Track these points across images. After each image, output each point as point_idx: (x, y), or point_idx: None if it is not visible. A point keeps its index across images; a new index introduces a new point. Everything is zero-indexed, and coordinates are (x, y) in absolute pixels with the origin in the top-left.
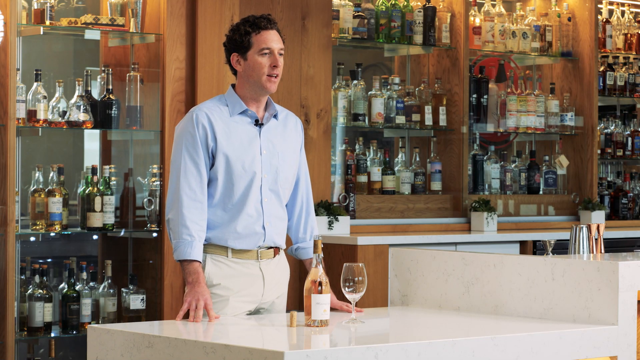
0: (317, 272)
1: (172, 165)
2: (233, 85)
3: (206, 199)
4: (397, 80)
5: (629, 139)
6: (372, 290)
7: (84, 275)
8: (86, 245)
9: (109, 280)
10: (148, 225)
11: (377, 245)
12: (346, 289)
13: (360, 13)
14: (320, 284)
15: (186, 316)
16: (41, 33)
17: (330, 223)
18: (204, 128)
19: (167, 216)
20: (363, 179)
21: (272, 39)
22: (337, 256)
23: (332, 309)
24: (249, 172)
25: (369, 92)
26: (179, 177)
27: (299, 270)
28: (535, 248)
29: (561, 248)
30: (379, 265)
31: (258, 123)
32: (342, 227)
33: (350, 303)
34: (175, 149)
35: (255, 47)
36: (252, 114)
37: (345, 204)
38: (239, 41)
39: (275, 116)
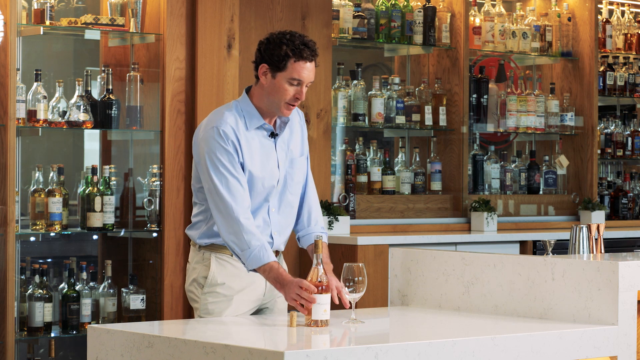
0: (318, 272)
1: (212, 184)
2: (247, 90)
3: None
4: (397, 80)
5: (629, 139)
6: (372, 290)
7: (84, 275)
8: (86, 245)
9: (109, 280)
10: (148, 225)
11: (377, 245)
12: (346, 289)
13: (360, 13)
14: (320, 283)
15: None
16: (41, 33)
17: (330, 223)
18: (233, 144)
19: (225, 238)
20: (363, 179)
21: (307, 71)
22: (337, 256)
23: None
24: (267, 188)
25: (369, 92)
26: (226, 199)
27: (298, 270)
28: (535, 248)
29: (561, 248)
30: (379, 265)
31: (273, 135)
32: (342, 227)
33: (350, 303)
34: (210, 167)
35: (288, 73)
36: (268, 127)
37: (345, 204)
38: (275, 59)
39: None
